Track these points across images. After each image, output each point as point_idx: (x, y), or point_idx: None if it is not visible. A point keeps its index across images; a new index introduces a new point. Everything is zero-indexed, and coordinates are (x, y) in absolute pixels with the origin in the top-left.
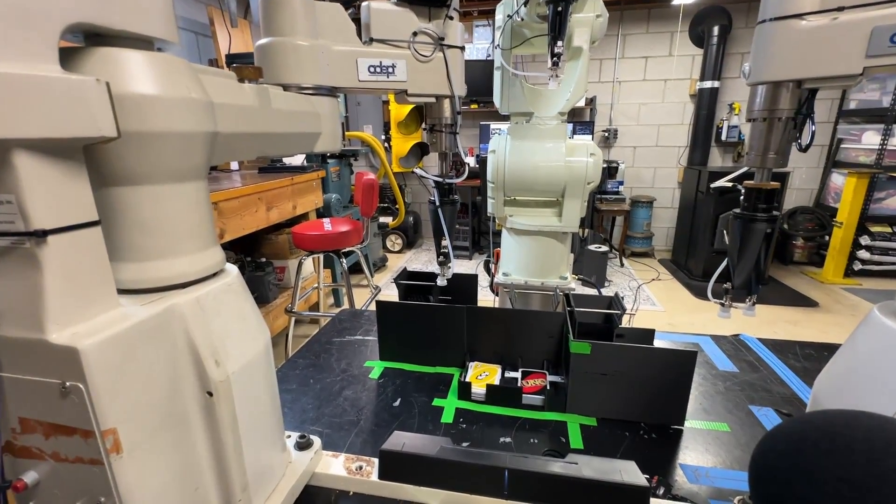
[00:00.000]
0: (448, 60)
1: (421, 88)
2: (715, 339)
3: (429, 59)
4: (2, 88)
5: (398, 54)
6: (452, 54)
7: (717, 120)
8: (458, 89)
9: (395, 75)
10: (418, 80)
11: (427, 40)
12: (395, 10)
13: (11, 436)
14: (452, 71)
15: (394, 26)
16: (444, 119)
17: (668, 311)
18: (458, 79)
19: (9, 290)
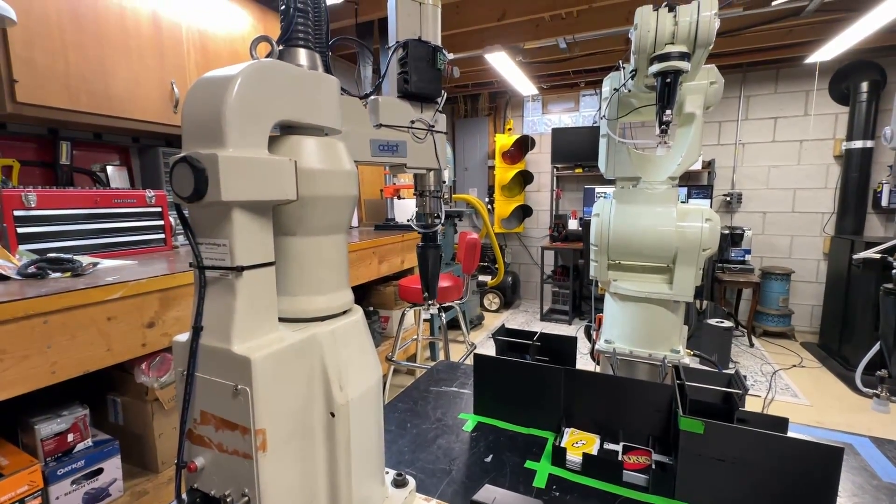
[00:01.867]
0: (436, 142)
1: (417, 163)
2: (876, 442)
3: (422, 141)
4: (238, 167)
5: (401, 136)
6: (439, 138)
7: (873, 184)
8: (442, 164)
9: (398, 152)
10: (415, 156)
11: (422, 126)
12: (398, 102)
13: (193, 424)
14: (439, 150)
15: (396, 115)
16: (429, 186)
17: (816, 407)
18: (442, 156)
19: (212, 310)
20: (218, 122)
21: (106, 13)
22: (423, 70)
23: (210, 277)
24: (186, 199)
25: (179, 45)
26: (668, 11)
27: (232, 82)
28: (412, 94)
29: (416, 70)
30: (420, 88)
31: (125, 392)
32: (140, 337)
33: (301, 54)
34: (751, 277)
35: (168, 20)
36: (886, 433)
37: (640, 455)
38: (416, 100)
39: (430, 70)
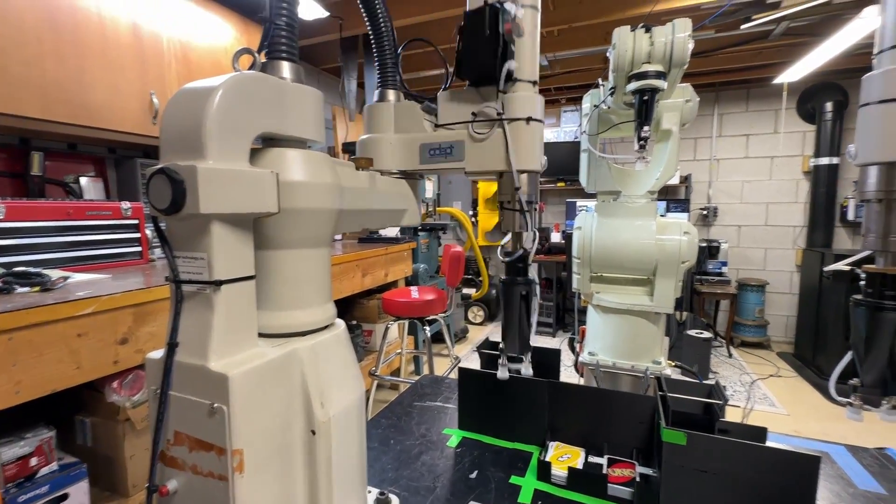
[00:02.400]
0: (508, 134)
1: (479, 166)
2: (852, 451)
3: (485, 137)
4: (218, 179)
5: (455, 135)
6: (515, 127)
7: (840, 198)
8: (525, 162)
9: (453, 155)
10: (475, 157)
11: (485, 118)
12: (460, 94)
13: (166, 446)
14: (516, 144)
15: (456, 111)
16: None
17: (793, 416)
18: (525, 151)
19: (188, 325)
20: (198, 134)
21: (86, 22)
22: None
23: (187, 292)
24: (163, 211)
25: (160, 56)
26: (644, 32)
27: (213, 93)
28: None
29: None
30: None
31: (95, 412)
32: (112, 354)
33: (284, 66)
34: (728, 289)
35: (149, 30)
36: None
37: (625, 468)
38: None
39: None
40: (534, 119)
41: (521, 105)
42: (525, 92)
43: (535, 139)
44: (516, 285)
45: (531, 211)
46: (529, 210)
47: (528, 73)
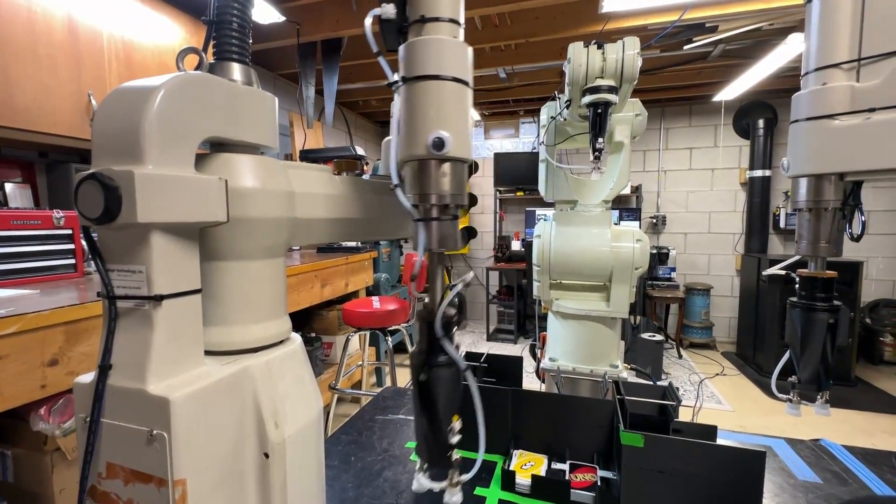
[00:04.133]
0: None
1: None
2: (791, 443)
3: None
4: (158, 186)
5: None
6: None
7: (772, 207)
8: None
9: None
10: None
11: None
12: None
13: (97, 480)
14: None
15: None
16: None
17: (737, 412)
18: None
19: (124, 345)
20: (135, 136)
21: (10, 16)
22: None
23: (122, 308)
24: (95, 220)
25: (100, 55)
26: (597, 48)
27: (154, 94)
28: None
29: None
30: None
31: (17, 443)
32: (39, 377)
33: (234, 68)
34: (677, 293)
35: (86, 27)
36: (797, 432)
37: (587, 472)
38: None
39: None
40: (421, 77)
41: (414, 56)
42: (413, 41)
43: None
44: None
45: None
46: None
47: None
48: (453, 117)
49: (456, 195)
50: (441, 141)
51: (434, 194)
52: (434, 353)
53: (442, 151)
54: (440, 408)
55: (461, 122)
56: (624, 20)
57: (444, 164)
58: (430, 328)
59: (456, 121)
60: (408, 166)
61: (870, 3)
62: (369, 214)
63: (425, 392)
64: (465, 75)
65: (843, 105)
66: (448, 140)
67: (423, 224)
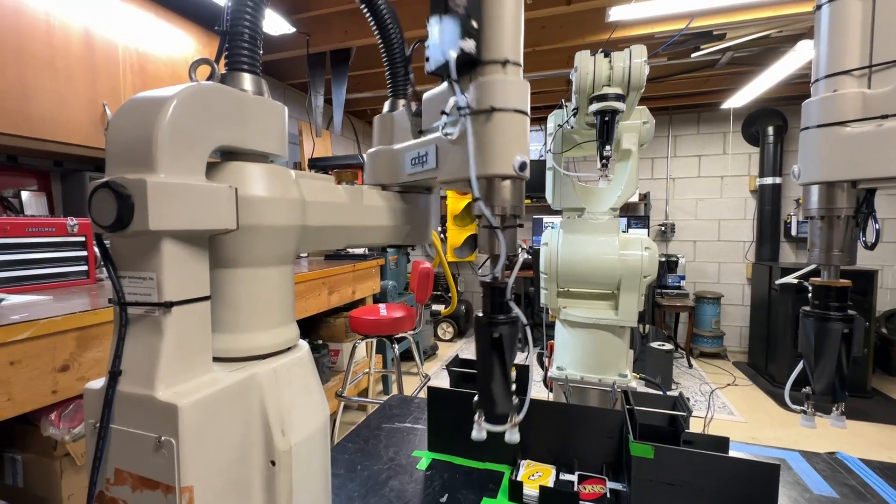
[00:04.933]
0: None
1: (451, 173)
2: (806, 456)
3: (453, 138)
4: (169, 194)
5: (430, 140)
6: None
7: (783, 215)
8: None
9: (428, 163)
10: (447, 163)
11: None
12: (435, 94)
13: (105, 486)
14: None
15: (434, 111)
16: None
17: (750, 423)
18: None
19: (134, 351)
20: (148, 146)
21: (30, 29)
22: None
23: (133, 315)
24: (108, 227)
25: (115, 66)
26: (604, 57)
27: (167, 104)
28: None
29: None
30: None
31: (28, 448)
32: (50, 383)
33: (245, 79)
34: (686, 302)
35: (102, 39)
36: (812, 445)
37: (595, 484)
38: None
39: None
40: (502, 109)
41: (482, 92)
42: (490, 76)
43: (501, 135)
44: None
45: (511, 227)
46: (505, 226)
47: (498, 51)
48: (525, 144)
49: (518, 206)
50: (525, 164)
51: (508, 206)
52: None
53: (524, 172)
54: (509, 358)
55: (527, 147)
56: (631, 29)
57: (517, 181)
58: (501, 293)
59: (526, 147)
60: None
61: (881, 8)
62: (368, 222)
63: (499, 346)
64: (528, 109)
65: (855, 112)
66: (527, 163)
67: (500, 231)
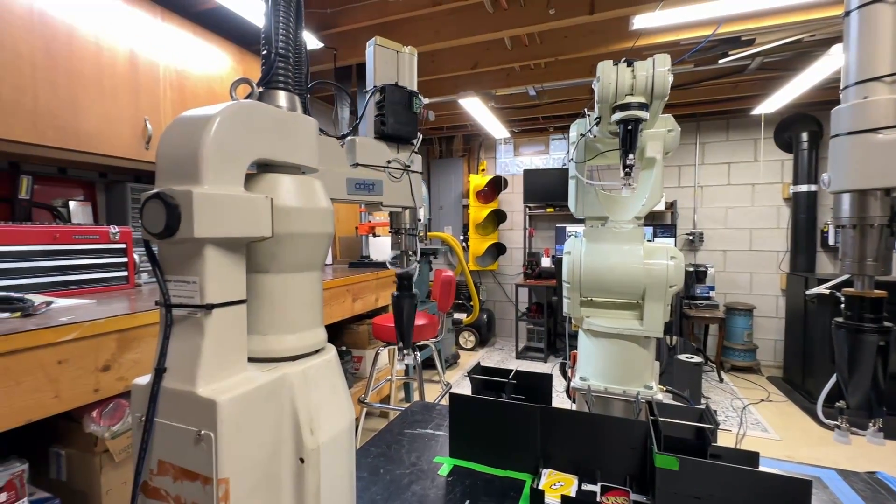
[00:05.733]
0: (412, 181)
1: (392, 201)
2: (843, 475)
3: (398, 180)
4: (213, 204)
5: (377, 175)
6: (415, 177)
7: (820, 224)
8: (418, 202)
9: (375, 191)
10: (391, 194)
11: (397, 166)
12: (374, 143)
13: (149, 476)
14: (415, 189)
15: (373, 155)
16: (405, 224)
17: (785, 441)
18: (418, 195)
19: (177, 350)
20: (194, 160)
21: (81, 51)
22: (400, 113)
23: (177, 316)
24: (157, 235)
25: (156, 84)
26: (626, 66)
27: (211, 122)
28: (389, 136)
29: (393, 113)
30: (396, 130)
31: (71, 443)
32: (93, 382)
33: (280, 96)
34: (716, 313)
35: (145, 59)
36: (852, 465)
37: (619, 496)
38: (393, 141)
39: (406, 113)
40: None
41: (418, 162)
42: (417, 154)
43: (421, 187)
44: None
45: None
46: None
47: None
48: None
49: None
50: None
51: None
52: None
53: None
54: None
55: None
56: (655, 36)
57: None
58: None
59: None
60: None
61: None
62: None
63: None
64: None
65: (887, 118)
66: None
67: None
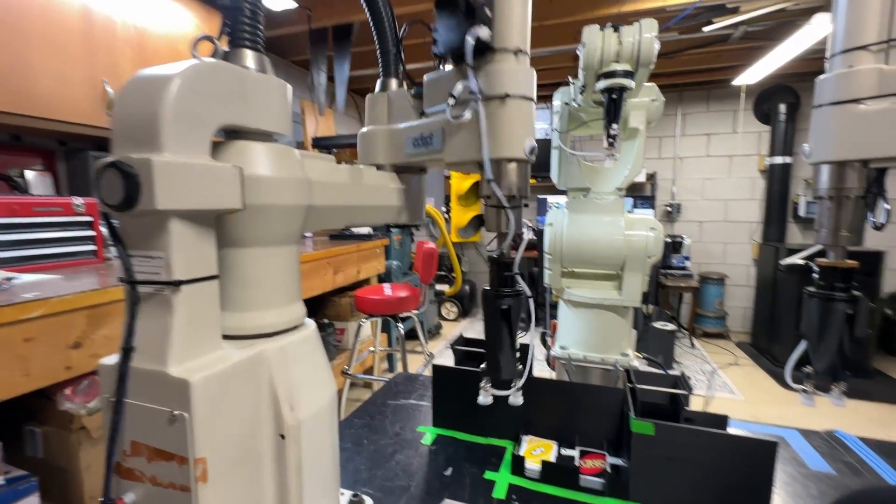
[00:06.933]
0: (481, 116)
1: (457, 155)
2: (804, 434)
3: (461, 122)
4: (176, 173)
5: (436, 123)
6: (489, 107)
7: (792, 195)
8: (501, 148)
9: (433, 145)
10: (454, 146)
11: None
12: (439, 77)
13: (122, 457)
14: (486, 126)
15: (439, 94)
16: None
17: (749, 401)
18: (502, 135)
19: (145, 329)
20: (153, 125)
21: (29, 4)
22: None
23: (143, 293)
24: (116, 207)
25: (113, 42)
26: (613, 31)
27: (170, 82)
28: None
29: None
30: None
31: (46, 421)
32: (64, 359)
33: (248, 56)
34: (690, 283)
35: (100, 14)
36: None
37: (596, 459)
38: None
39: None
40: (514, 96)
41: (496, 79)
42: (503, 63)
43: (514, 120)
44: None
45: (517, 207)
46: (512, 206)
47: (510, 40)
48: (532, 129)
49: (524, 187)
50: (534, 148)
51: (519, 187)
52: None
53: (532, 155)
54: (514, 328)
55: (534, 132)
56: (641, 2)
57: (525, 165)
58: (508, 268)
59: (533, 131)
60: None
61: None
62: (368, 202)
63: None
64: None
65: (871, 89)
66: (535, 147)
67: (511, 211)
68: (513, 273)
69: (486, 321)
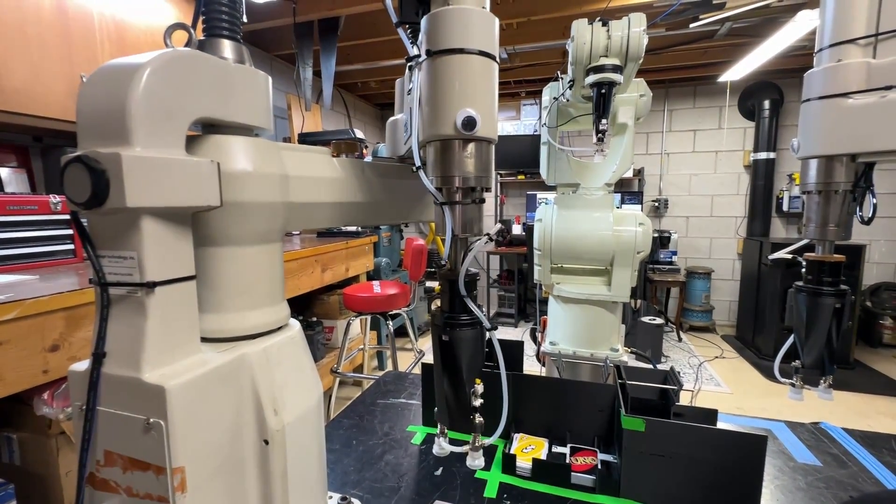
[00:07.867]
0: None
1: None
2: (791, 426)
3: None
4: (147, 169)
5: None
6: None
7: (776, 190)
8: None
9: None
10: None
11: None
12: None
13: (96, 467)
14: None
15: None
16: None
17: (735, 394)
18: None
19: (117, 333)
20: (122, 117)
21: None
22: None
23: (115, 295)
24: (83, 205)
25: (91, 35)
26: (601, 26)
27: (140, 71)
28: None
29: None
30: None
31: (22, 427)
32: (40, 363)
33: (225, 45)
34: (678, 277)
35: (76, 5)
36: (795, 415)
37: (587, 456)
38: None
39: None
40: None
41: (439, 27)
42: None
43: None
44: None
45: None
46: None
47: None
48: (480, 94)
49: (482, 177)
50: (472, 120)
51: (459, 176)
52: (457, 313)
53: (472, 131)
54: (464, 368)
55: (489, 99)
56: None
57: (469, 145)
58: (454, 287)
59: (483, 98)
60: (430, 147)
61: None
62: (371, 198)
63: (448, 352)
64: (492, 49)
65: (859, 83)
66: (478, 119)
67: (448, 208)
68: (462, 295)
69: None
